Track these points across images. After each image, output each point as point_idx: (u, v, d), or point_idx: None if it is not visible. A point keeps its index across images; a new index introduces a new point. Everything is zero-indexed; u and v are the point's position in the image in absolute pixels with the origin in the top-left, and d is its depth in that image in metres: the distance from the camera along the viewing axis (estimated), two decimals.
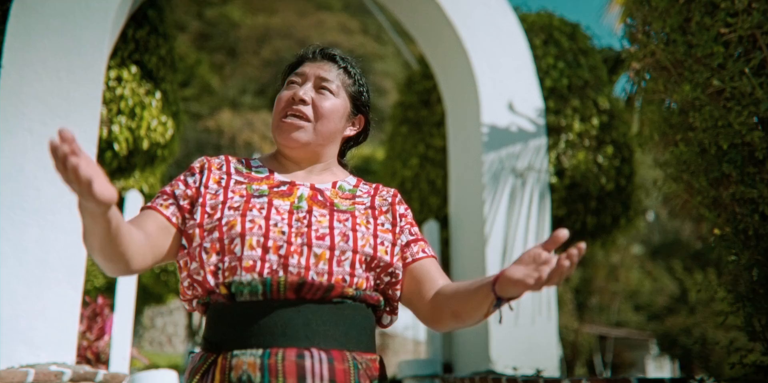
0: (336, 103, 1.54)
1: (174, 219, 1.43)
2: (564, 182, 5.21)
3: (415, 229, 1.56)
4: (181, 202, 1.44)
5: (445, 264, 6.13)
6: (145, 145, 4.78)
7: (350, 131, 1.62)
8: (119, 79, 4.71)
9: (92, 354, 4.52)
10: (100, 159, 4.66)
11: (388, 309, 1.52)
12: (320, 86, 1.53)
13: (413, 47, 5.96)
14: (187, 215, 1.43)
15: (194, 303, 1.45)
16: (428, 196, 5.81)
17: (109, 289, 8.20)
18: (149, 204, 1.47)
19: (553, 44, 5.67)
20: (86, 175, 1.06)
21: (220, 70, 34.76)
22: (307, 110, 1.50)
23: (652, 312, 22.65)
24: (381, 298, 1.45)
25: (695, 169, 3.12)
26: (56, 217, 3.63)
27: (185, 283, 1.42)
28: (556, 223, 5.46)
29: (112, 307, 4.87)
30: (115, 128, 4.61)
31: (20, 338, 3.37)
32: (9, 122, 3.71)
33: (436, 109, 5.81)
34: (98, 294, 5.80)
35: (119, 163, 4.83)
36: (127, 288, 4.24)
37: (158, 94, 4.90)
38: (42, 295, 3.47)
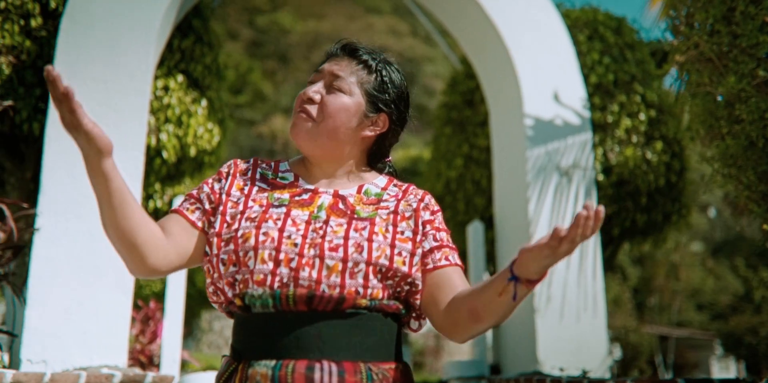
0: (345, 102, 1.47)
1: (199, 223, 1.44)
2: (611, 179, 5.11)
3: (442, 235, 1.49)
4: (207, 206, 1.45)
5: (492, 264, 6.09)
6: (193, 152, 4.88)
7: (370, 131, 1.53)
8: (166, 89, 4.82)
9: (145, 357, 4.64)
10: (150, 166, 4.78)
11: (414, 314, 1.48)
12: (331, 83, 1.48)
13: (457, 48, 5.94)
14: (211, 218, 1.43)
15: (223, 307, 1.47)
16: (473, 197, 5.78)
17: (164, 294, 8.39)
18: (175, 207, 1.48)
19: (598, 39, 5.57)
20: (77, 102, 1.22)
21: (272, 77, 35.23)
22: (313, 109, 1.46)
23: (715, 311, 21.97)
24: (400, 306, 1.41)
25: (742, 162, 3.02)
26: None
27: (210, 289, 1.44)
28: (605, 221, 5.35)
29: (163, 311, 4.99)
30: (163, 136, 4.72)
31: (74, 342, 3.49)
32: (59, 131, 3.84)
33: (479, 108, 5.77)
34: (152, 299, 5.95)
35: (168, 170, 4.94)
36: (176, 292, 4.34)
37: (204, 102, 5.00)
38: (94, 300, 3.57)
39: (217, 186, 1.47)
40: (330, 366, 1.29)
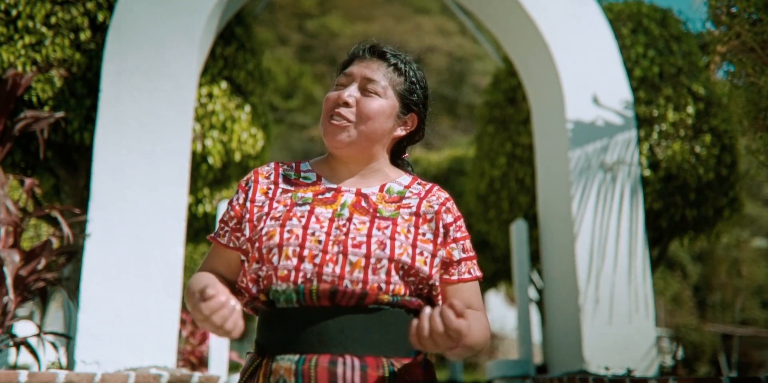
0: (381, 104, 1.50)
1: (231, 244, 1.50)
2: (659, 174, 5.00)
3: (468, 244, 1.53)
4: (232, 225, 1.50)
5: (536, 262, 6.03)
6: (237, 157, 4.98)
7: (401, 131, 1.57)
8: (210, 96, 4.93)
9: (195, 357, 4.76)
10: (196, 172, 4.90)
11: None
12: (365, 87, 1.50)
13: (499, 46, 5.90)
14: (238, 233, 1.48)
15: (247, 304, 1.52)
16: (517, 195, 5.73)
17: None
18: (211, 234, 1.55)
19: (642, 32, 5.46)
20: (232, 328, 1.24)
21: (322, 80, 35.54)
22: (350, 113, 1.48)
23: None
24: (422, 303, 1.43)
25: None
26: (153, 229, 3.85)
27: (242, 284, 1.47)
28: (653, 217, 5.25)
29: None
30: (208, 142, 4.83)
31: (125, 343, 3.60)
32: (108, 140, 3.98)
33: (522, 106, 5.72)
34: None
35: (214, 175, 5.06)
36: None
37: (247, 108, 5.10)
38: (143, 303, 3.69)
39: (237, 202, 1.51)
40: (353, 361, 1.31)
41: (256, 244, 1.40)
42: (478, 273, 1.55)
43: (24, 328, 7.63)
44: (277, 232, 1.39)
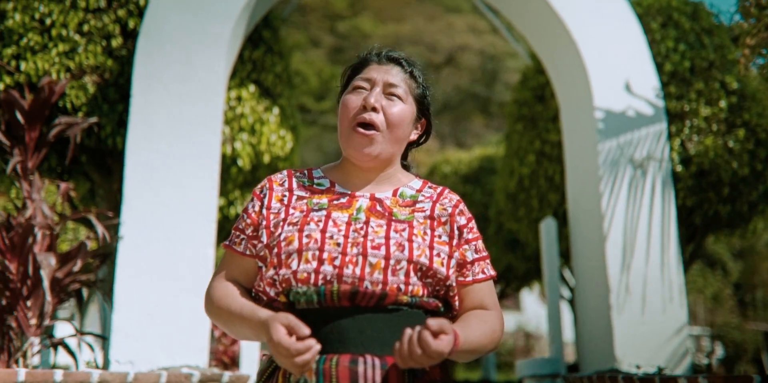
0: (405, 109, 1.53)
1: (247, 252, 1.51)
2: (691, 170, 4.93)
3: (480, 244, 1.55)
4: (248, 233, 1.52)
5: (567, 260, 5.99)
6: (267, 159, 5.04)
7: (414, 135, 1.61)
8: (239, 99, 5.00)
9: (227, 357, 4.83)
10: (226, 174, 4.97)
11: (452, 314, 1.52)
12: (389, 92, 1.52)
13: (527, 43, 5.88)
14: (254, 241, 1.50)
15: (266, 306, 1.54)
16: (547, 193, 5.70)
17: None
18: (226, 242, 1.56)
19: (673, 26, 5.39)
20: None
21: None
22: (378, 118, 1.49)
23: None
24: (440, 304, 1.46)
25: None
26: (184, 231, 3.92)
27: (260, 288, 1.49)
28: (686, 214, 5.17)
29: None
30: (238, 145, 4.89)
31: (158, 343, 3.68)
32: (139, 144, 4.06)
33: (550, 104, 5.69)
34: None
35: (244, 177, 5.12)
36: None
37: (276, 110, 5.16)
38: (174, 304, 3.75)
39: (252, 209, 1.53)
40: (373, 360, 1.33)
41: (275, 250, 1.42)
42: (492, 273, 1.57)
43: (65, 329, 7.81)
44: (296, 237, 1.41)
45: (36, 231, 3.71)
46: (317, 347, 1.27)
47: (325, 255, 1.38)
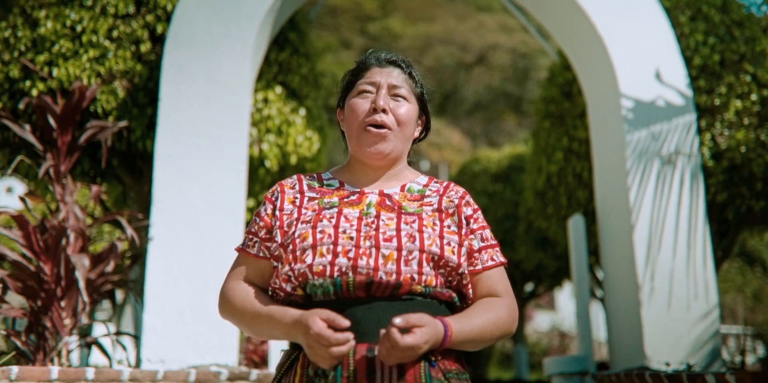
0: (410, 108, 1.61)
1: (260, 254, 1.57)
2: (722, 165, 4.84)
3: (487, 233, 1.60)
4: (261, 235, 1.58)
5: (596, 257, 5.92)
6: (294, 160, 5.09)
7: (416, 132, 1.70)
8: (266, 101, 5.05)
9: (257, 356, 4.88)
10: (254, 176, 5.02)
11: (465, 306, 1.56)
12: (394, 93, 1.60)
13: (553, 40, 5.84)
14: (268, 243, 1.56)
15: (282, 303, 1.58)
16: (575, 190, 5.65)
17: None
18: (239, 246, 1.62)
19: (702, 19, 5.31)
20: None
21: None
22: (389, 119, 1.57)
23: None
24: (454, 295, 1.49)
25: None
26: (212, 232, 3.98)
27: (275, 284, 1.55)
28: (718, 209, 5.09)
29: None
30: (265, 146, 4.95)
31: (188, 342, 3.74)
32: (168, 147, 4.13)
33: (578, 100, 5.64)
34: None
35: (272, 178, 5.17)
36: None
37: (302, 111, 5.20)
38: (203, 304, 3.81)
39: (265, 212, 1.59)
40: None
41: (290, 247, 1.47)
42: (501, 259, 1.60)
43: (103, 330, 7.97)
44: (309, 234, 1.46)
45: (69, 233, 3.80)
46: (353, 341, 1.32)
47: (339, 248, 1.43)
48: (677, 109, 4.54)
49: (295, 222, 1.51)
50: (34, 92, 4.42)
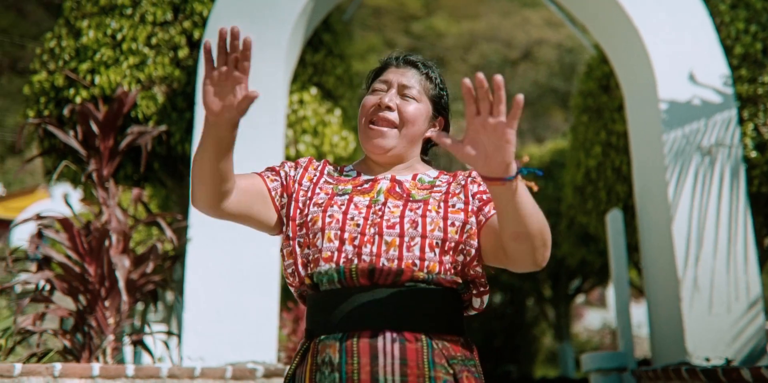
0: (419, 108, 1.63)
1: (273, 193, 1.59)
2: (766, 156, 4.71)
3: (488, 196, 1.57)
4: (284, 181, 1.61)
5: (636, 253, 5.82)
6: (330, 159, 5.15)
7: (431, 132, 1.67)
8: (301, 102, 5.12)
9: None
10: None
11: (474, 291, 1.57)
12: (403, 93, 1.63)
13: (590, 33, 5.77)
14: (285, 193, 1.59)
15: (297, 292, 1.62)
16: (614, 184, 5.57)
17: None
18: (258, 172, 1.64)
19: (743, 7, 5.17)
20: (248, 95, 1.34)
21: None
22: (393, 116, 1.61)
23: None
24: (458, 280, 1.50)
25: None
26: (248, 232, 4.03)
27: (288, 271, 1.59)
28: (763, 202, 4.95)
29: None
30: (301, 147, 5.02)
31: (227, 340, 3.82)
32: None
33: (616, 93, 5.56)
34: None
35: None
36: None
37: (338, 112, 5.26)
38: (241, 303, 3.89)
39: (292, 172, 1.63)
40: (392, 335, 1.40)
41: (304, 230, 1.52)
42: None
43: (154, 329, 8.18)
44: (319, 218, 1.51)
45: (111, 235, 3.92)
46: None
47: (346, 235, 1.47)
48: (717, 103, 4.44)
49: (308, 202, 1.56)
50: (78, 99, 4.58)
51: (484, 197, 1.57)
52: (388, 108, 1.60)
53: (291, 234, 1.55)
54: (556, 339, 11.37)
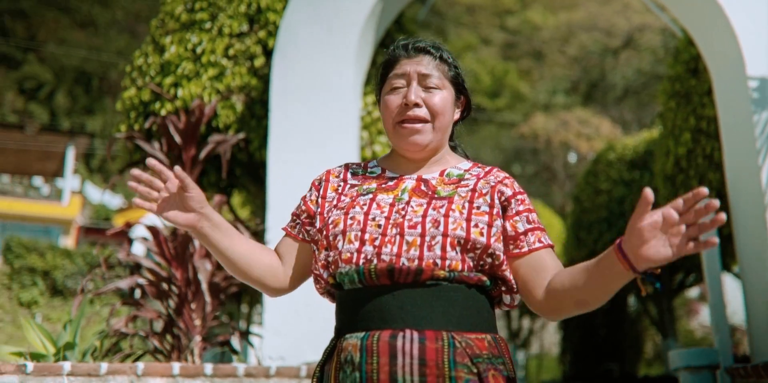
0: (444, 97, 1.59)
1: (300, 236, 1.62)
2: None
3: (534, 216, 1.55)
4: (302, 218, 1.63)
5: (730, 244, 5.48)
6: None
7: (457, 114, 1.67)
8: (375, 103, 5.16)
9: None
10: None
11: (504, 289, 1.54)
12: (425, 83, 1.58)
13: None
14: (308, 227, 1.61)
15: (324, 291, 1.65)
16: (706, 172, 5.27)
17: None
18: (283, 227, 1.69)
19: None
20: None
21: (527, 76, 35.02)
22: (423, 112, 1.56)
23: None
24: (483, 278, 1.47)
25: None
26: None
27: (313, 277, 1.62)
28: None
29: None
30: (377, 148, 5.05)
31: (305, 340, 3.90)
32: (280, 155, 4.34)
33: (704, 76, 5.27)
34: None
35: None
36: None
37: None
38: (319, 303, 3.91)
39: (313, 196, 1.64)
40: (412, 334, 1.39)
41: (324, 232, 1.53)
42: (549, 242, 1.55)
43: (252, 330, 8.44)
44: (341, 220, 1.51)
45: (194, 241, 4.09)
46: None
47: (367, 236, 1.47)
48: None
49: (332, 209, 1.57)
50: (163, 112, 4.80)
51: (531, 218, 1.54)
52: (416, 105, 1.56)
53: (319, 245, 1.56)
54: (661, 336, 10.88)
